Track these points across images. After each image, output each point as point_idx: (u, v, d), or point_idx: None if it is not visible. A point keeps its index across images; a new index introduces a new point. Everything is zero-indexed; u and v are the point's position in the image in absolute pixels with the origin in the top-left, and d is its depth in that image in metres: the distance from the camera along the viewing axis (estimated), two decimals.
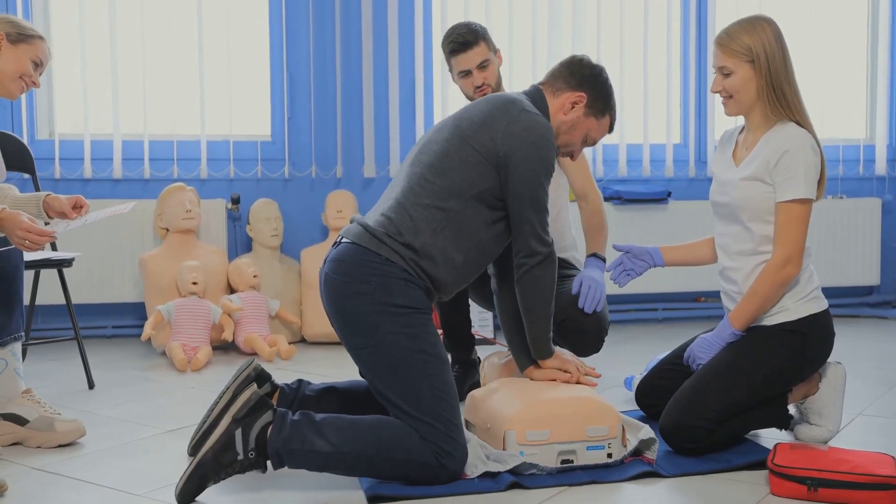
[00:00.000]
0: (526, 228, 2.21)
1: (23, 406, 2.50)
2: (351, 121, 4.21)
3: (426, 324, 2.16)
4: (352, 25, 4.18)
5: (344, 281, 2.15)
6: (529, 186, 2.19)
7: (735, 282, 2.46)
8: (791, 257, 2.34)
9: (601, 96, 2.35)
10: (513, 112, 2.23)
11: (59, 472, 2.29)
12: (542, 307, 2.27)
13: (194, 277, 3.70)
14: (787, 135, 2.36)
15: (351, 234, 2.21)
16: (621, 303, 4.42)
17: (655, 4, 4.42)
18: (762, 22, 2.40)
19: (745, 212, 2.40)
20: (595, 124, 2.37)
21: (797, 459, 2.13)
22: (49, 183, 3.91)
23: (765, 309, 2.39)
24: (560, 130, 2.34)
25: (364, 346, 2.14)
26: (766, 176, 2.36)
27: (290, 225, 4.17)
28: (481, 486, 2.11)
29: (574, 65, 2.36)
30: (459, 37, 2.91)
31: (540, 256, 2.23)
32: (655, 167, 4.48)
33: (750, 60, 2.37)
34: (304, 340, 4.01)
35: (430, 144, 2.27)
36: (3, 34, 2.46)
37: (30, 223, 2.33)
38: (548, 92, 2.35)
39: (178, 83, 4.13)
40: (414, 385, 2.10)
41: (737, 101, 2.42)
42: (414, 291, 2.15)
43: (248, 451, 2.03)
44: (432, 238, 2.17)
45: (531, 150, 2.19)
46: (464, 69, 2.93)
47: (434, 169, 2.21)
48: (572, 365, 2.34)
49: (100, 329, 4.05)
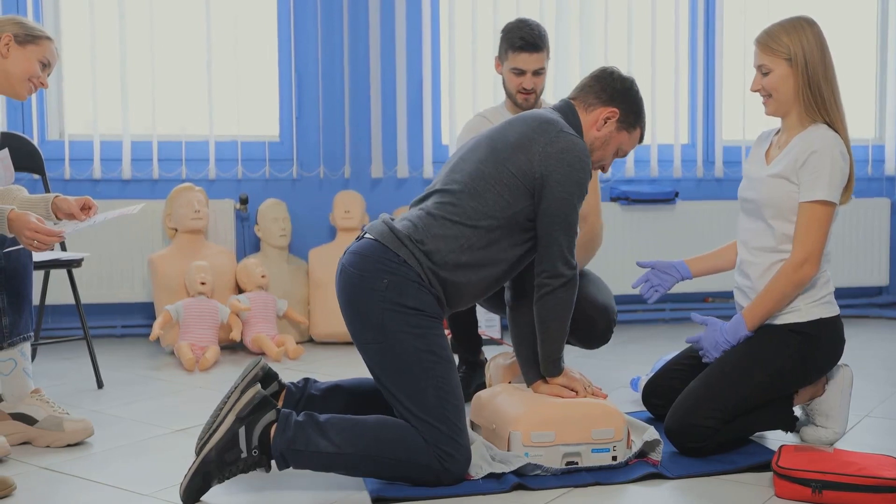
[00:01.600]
0: (554, 249, 2.21)
1: (32, 406, 2.52)
2: (359, 121, 4.22)
3: (436, 326, 2.18)
4: (360, 26, 4.18)
5: (359, 275, 2.16)
6: (563, 208, 2.19)
7: (750, 277, 2.46)
8: (809, 258, 2.35)
9: (633, 110, 2.35)
10: (550, 133, 2.22)
11: (67, 471, 2.31)
12: (559, 327, 2.27)
13: (202, 277, 3.72)
14: (817, 136, 2.37)
15: (374, 231, 2.22)
16: (629, 303, 4.41)
17: (663, 4, 4.41)
18: (803, 22, 2.42)
19: (768, 209, 2.41)
20: (627, 137, 2.37)
21: (802, 461, 2.13)
22: (59, 183, 3.93)
23: (779, 308, 2.40)
24: (594, 146, 2.34)
25: (373, 342, 2.16)
26: (793, 175, 2.37)
27: (298, 225, 4.18)
28: (485, 486, 2.12)
29: (605, 79, 2.35)
30: (531, 37, 2.88)
31: (564, 279, 2.22)
32: (663, 167, 4.47)
33: (788, 59, 2.38)
34: (312, 340, 4.02)
35: (464, 164, 2.27)
36: (10, 35, 2.47)
37: (38, 223, 2.35)
38: (579, 107, 2.34)
39: (187, 84, 4.15)
40: (419, 385, 2.11)
41: (776, 99, 2.43)
42: (425, 296, 2.16)
43: (252, 450, 2.05)
44: (455, 255, 2.18)
45: (568, 173, 2.19)
46: (521, 68, 2.91)
47: (467, 190, 2.21)
48: (580, 383, 2.33)
49: (109, 329, 4.07)
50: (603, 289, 2.93)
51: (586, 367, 3.37)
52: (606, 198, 4.34)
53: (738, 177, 4.45)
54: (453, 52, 4.21)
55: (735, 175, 4.52)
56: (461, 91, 4.24)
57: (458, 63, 4.23)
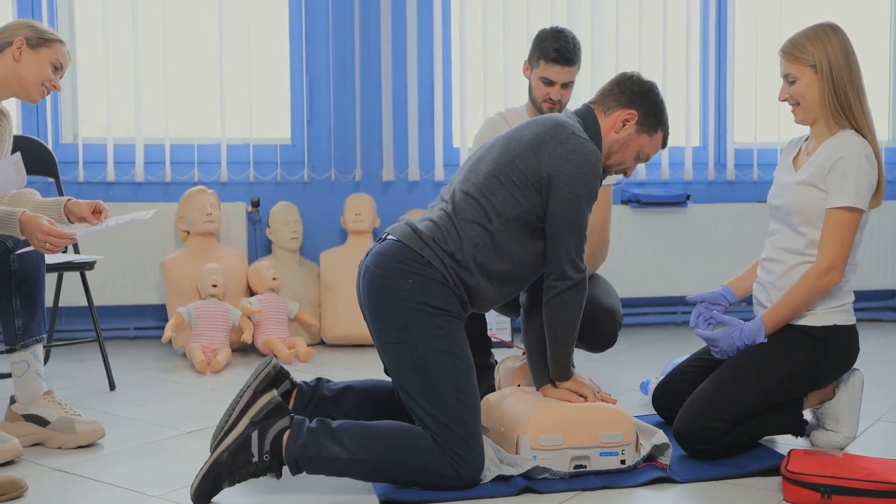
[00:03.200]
0: (561, 252, 2.21)
1: (44, 407, 2.54)
2: (370, 124, 4.23)
3: (458, 328, 2.19)
4: (371, 29, 4.20)
5: (383, 275, 2.18)
6: (570, 210, 2.20)
7: (773, 273, 2.46)
8: (834, 265, 2.34)
9: (653, 112, 2.34)
10: (561, 135, 2.23)
11: (78, 472, 2.32)
12: (567, 331, 2.27)
13: (214, 280, 3.74)
14: (844, 142, 2.36)
15: (397, 232, 2.24)
16: (640, 306, 4.41)
17: (674, 6, 4.41)
18: (827, 29, 2.41)
19: (797, 216, 2.41)
20: (647, 141, 2.36)
21: (811, 466, 2.12)
22: (73, 186, 3.96)
23: (799, 313, 2.39)
24: (613, 149, 2.33)
25: (395, 341, 2.16)
26: (820, 182, 2.37)
27: (309, 228, 4.20)
28: (494, 489, 2.12)
29: (624, 82, 2.35)
30: (565, 50, 2.86)
31: (571, 282, 2.22)
32: (674, 170, 4.46)
33: (812, 66, 2.38)
34: (323, 343, 4.03)
35: (480, 163, 2.29)
36: (23, 39, 2.49)
37: (50, 226, 2.37)
38: (599, 111, 2.34)
39: (200, 87, 4.18)
40: (439, 386, 2.11)
41: (803, 107, 2.43)
42: (449, 296, 2.18)
43: (263, 454, 2.06)
44: (473, 253, 2.19)
45: (576, 174, 2.19)
46: (552, 79, 2.89)
47: (481, 188, 2.23)
48: (589, 389, 2.33)
49: (122, 330, 4.10)
50: (609, 291, 2.92)
51: (596, 370, 3.37)
52: (617, 200, 4.33)
53: (750, 179, 4.52)
54: (464, 54, 4.22)
55: (746, 178, 4.51)
56: (472, 94, 4.25)
57: (469, 66, 4.23)
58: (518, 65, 4.14)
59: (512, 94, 4.21)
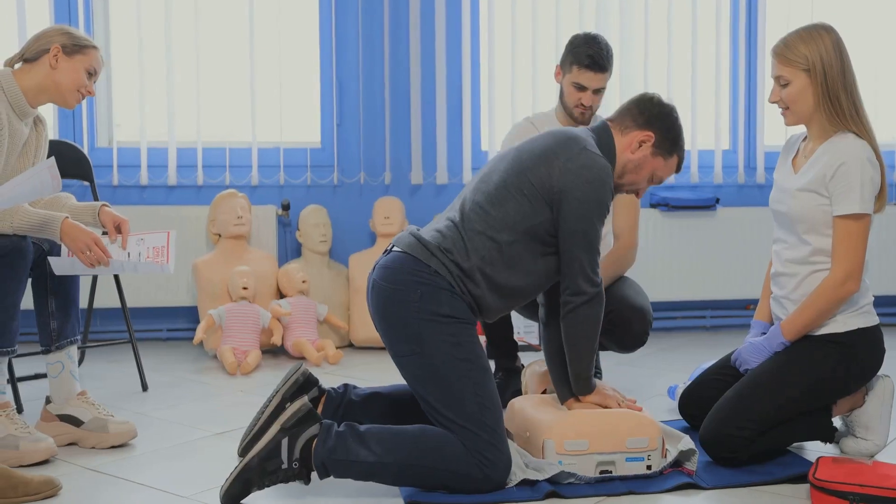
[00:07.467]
0: (575, 266, 2.21)
1: (78, 408, 2.59)
2: (399, 128, 4.26)
3: (471, 333, 2.19)
4: (400, 33, 4.22)
5: (391, 288, 2.19)
6: (582, 225, 2.19)
7: (785, 287, 2.44)
8: (851, 274, 2.31)
9: (669, 136, 2.33)
10: (573, 149, 2.23)
11: (110, 472, 2.37)
12: (585, 345, 2.26)
13: (245, 282, 3.78)
14: (844, 147, 2.33)
15: (402, 244, 2.24)
16: (669, 310, 4.39)
17: (704, 7, 4.38)
18: (820, 30, 2.37)
19: (801, 224, 2.38)
20: (662, 164, 2.34)
21: (839, 474, 2.10)
22: (108, 190, 4.03)
23: (819, 323, 2.37)
24: (626, 169, 2.32)
25: (409, 354, 2.18)
26: (823, 188, 2.34)
27: (338, 231, 4.23)
28: (519, 494, 2.13)
29: (643, 103, 2.34)
30: (599, 57, 2.87)
31: (586, 296, 2.22)
32: (704, 173, 4.43)
33: (806, 69, 2.34)
34: (352, 345, 4.06)
35: (492, 174, 2.29)
36: (59, 47, 2.53)
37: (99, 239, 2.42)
38: (616, 129, 2.34)
39: (231, 92, 4.23)
40: (457, 393, 2.12)
41: (794, 111, 2.40)
42: (458, 303, 2.18)
43: (293, 461, 2.08)
44: (480, 264, 2.20)
45: (586, 189, 2.19)
46: (584, 85, 2.91)
47: (491, 199, 2.23)
48: (613, 400, 2.32)
49: (154, 332, 4.16)
50: (639, 291, 2.93)
51: (624, 375, 3.36)
52: (646, 204, 4.31)
53: None
54: (493, 58, 4.23)
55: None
56: (500, 97, 4.25)
57: (498, 69, 4.24)
58: (546, 68, 4.15)
59: (540, 97, 4.21)
